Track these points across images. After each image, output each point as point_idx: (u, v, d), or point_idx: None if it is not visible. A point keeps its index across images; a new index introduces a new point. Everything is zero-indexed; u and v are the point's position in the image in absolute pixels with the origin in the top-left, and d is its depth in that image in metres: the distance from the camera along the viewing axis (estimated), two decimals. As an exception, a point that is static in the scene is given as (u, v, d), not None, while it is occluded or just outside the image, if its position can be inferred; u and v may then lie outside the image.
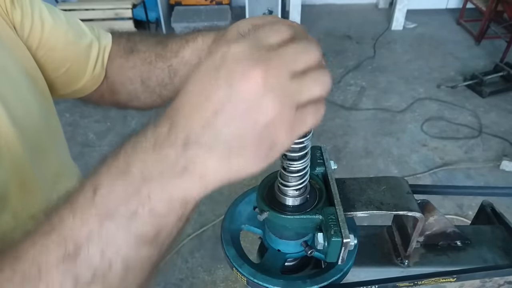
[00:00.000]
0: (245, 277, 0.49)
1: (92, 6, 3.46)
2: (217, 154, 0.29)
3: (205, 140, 0.29)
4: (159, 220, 0.30)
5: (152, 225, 0.29)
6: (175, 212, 0.30)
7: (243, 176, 0.31)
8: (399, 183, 0.54)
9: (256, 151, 0.29)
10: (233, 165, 0.30)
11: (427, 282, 0.52)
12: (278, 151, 0.31)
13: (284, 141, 0.30)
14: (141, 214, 0.29)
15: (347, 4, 5.13)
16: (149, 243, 0.30)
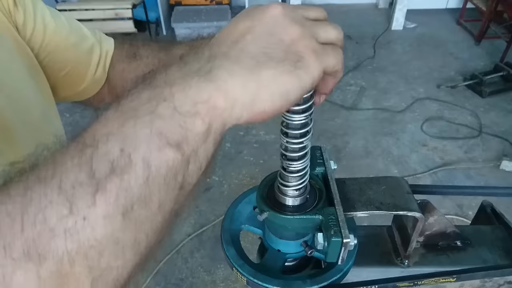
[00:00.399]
0: (245, 277, 0.49)
1: (92, 6, 3.46)
2: (244, 65, 0.30)
3: (231, 54, 0.30)
4: (183, 122, 0.27)
5: (176, 126, 0.27)
6: (201, 120, 0.28)
7: (275, 93, 0.30)
8: (399, 183, 0.54)
9: (283, 65, 0.31)
10: (262, 78, 0.30)
11: (427, 282, 0.52)
12: (306, 69, 0.31)
13: (309, 61, 0.32)
14: (164, 113, 0.27)
15: (347, 4, 5.13)
16: (172, 147, 0.26)
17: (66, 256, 0.23)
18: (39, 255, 0.22)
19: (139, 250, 0.27)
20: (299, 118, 0.41)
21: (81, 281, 0.24)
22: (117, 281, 0.26)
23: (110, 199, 0.24)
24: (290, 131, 0.43)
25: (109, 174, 0.25)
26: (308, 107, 0.41)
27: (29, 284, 0.22)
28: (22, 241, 0.22)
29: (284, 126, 0.43)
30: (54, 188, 0.24)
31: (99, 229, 0.24)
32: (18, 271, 0.22)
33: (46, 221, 0.23)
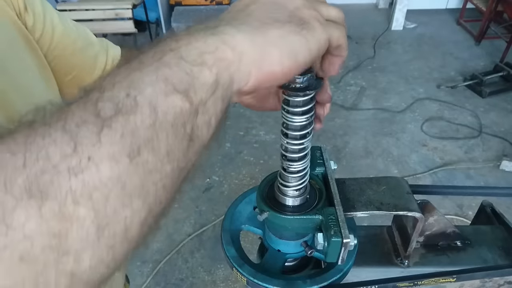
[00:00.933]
0: (245, 277, 0.49)
1: (92, 6, 3.46)
2: (251, 25, 0.31)
3: (238, 17, 0.31)
4: (190, 70, 0.27)
5: (182, 74, 0.26)
6: (208, 69, 0.27)
7: (283, 51, 0.31)
8: (399, 183, 0.54)
9: (289, 26, 0.31)
10: (269, 35, 0.30)
11: (427, 282, 0.52)
12: (312, 32, 0.32)
13: (314, 25, 0.33)
14: (170, 61, 0.27)
15: (347, 4, 5.13)
16: (179, 93, 0.26)
17: (70, 196, 0.21)
18: (41, 192, 0.21)
19: (148, 202, 0.25)
20: (299, 120, 0.41)
21: (85, 227, 0.22)
22: (125, 235, 0.24)
23: (115, 137, 0.23)
24: (290, 132, 0.43)
25: (115, 114, 0.24)
26: (309, 109, 0.41)
27: (30, 223, 0.20)
28: (23, 177, 0.21)
29: (285, 127, 0.43)
30: (58, 129, 0.23)
31: (105, 170, 0.22)
32: (18, 208, 0.20)
33: (49, 158, 0.22)
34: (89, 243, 0.22)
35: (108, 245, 0.23)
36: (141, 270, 2.11)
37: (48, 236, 0.21)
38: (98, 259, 0.23)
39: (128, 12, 3.47)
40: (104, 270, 0.24)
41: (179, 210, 2.43)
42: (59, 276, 0.22)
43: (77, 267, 0.22)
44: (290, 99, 0.40)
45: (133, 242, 0.25)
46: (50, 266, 0.21)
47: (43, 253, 0.21)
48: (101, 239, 0.23)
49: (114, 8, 3.47)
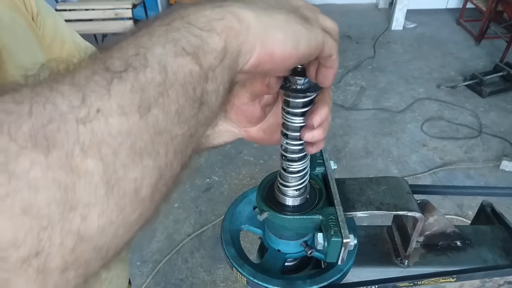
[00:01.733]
0: (245, 277, 0.49)
1: (92, 6, 3.46)
2: (258, 6, 0.31)
3: (243, 1, 0.31)
4: (199, 33, 0.27)
5: (191, 37, 0.26)
6: (217, 35, 0.27)
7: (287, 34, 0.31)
8: (399, 183, 0.54)
9: (294, 15, 0.32)
10: (275, 17, 0.31)
11: (427, 282, 0.52)
12: (312, 27, 0.33)
13: (314, 24, 0.33)
14: (179, 26, 0.26)
15: (347, 4, 5.14)
16: (189, 55, 0.26)
17: (78, 146, 0.20)
18: (47, 140, 0.20)
19: (158, 164, 0.24)
20: (299, 121, 0.41)
21: (94, 181, 0.21)
22: (135, 197, 0.23)
23: (125, 91, 0.22)
24: (290, 133, 0.43)
25: (124, 70, 0.23)
26: (308, 110, 0.41)
27: (35, 171, 0.19)
28: (29, 125, 0.19)
29: (285, 127, 0.43)
30: (66, 82, 0.22)
31: (114, 123, 0.22)
32: (22, 155, 0.19)
33: (57, 108, 0.20)
34: (98, 199, 0.21)
35: (118, 205, 0.22)
36: (141, 270, 2.11)
37: (54, 188, 0.20)
38: (107, 219, 0.22)
39: (128, 12, 3.47)
40: (114, 237, 0.23)
41: (179, 210, 2.43)
42: (64, 234, 0.20)
43: (84, 226, 0.21)
44: (290, 100, 0.40)
45: (144, 209, 0.24)
46: (55, 221, 0.20)
47: (48, 206, 0.19)
48: (110, 197, 0.22)
49: (114, 8, 3.47)
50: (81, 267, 0.21)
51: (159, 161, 0.24)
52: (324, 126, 0.41)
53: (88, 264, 0.22)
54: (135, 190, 0.23)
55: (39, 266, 0.19)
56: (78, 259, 0.21)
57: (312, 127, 0.41)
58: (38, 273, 0.19)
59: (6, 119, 0.19)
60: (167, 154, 0.25)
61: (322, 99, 0.41)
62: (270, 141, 0.49)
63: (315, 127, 0.40)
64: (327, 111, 0.40)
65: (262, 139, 0.49)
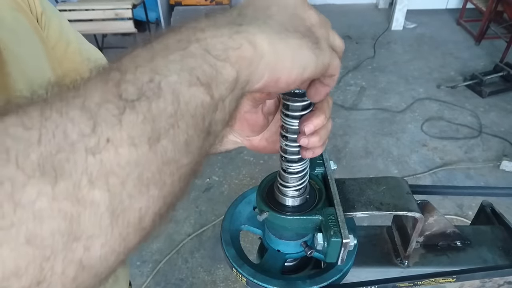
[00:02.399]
0: (244, 277, 0.49)
1: (92, 6, 3.46)
2: (273, 28, 0.31)
3: (260, 17, 0.31)
4: (214, 63, 0.27)
5: (207, 66, 0.26)
6: (230, 66, 0.27)
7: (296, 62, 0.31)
8: (398, 184, 0.54)
9: (307, 40, 0.32)
10: (289, 43, 0.31)
11: (426, 282, 0.52)
12: (322, 52, 0.33)
13: (324, 47, 0.34)
14: (195, 52, 0.26)
15: (347, 4, 5.14)
16: (202, 86, 0.25)
17: (86, 177, 0.20)
18: (56, 170, 0.19)
19: (163, 193, 0.24)
20: (297, 123, 0.41)
21: (99, 212, 0.21)
22: (139, 225, 0.23)
23: (137, 122, 0.22)
24: (289, 135, 0.43)
25: (137, 98, 0.23)
26: (307, 113, 0.41)
27: (41, 202, 0.19)
28: (37, 153, 0.19)
29: (284, 130, 0.43)
30: (77, 107, 0.21)
31: (124, 154, 0.21)
32: (29, 185, 0.19)
33: (66, 136, 0.20)
34: (102, 230, 0.21)
35: (121, 235, 0.22)
36: (141, 270, 2.11)
37: (59, 218, 0.19)
38: (110, 249, 0.22)
39: (128, 12, 3.48)
40: (114, 263, 0.23)
41: (179, 210, 2.43)
42: (67, 264, 0.20)
43: (87, 256, 0.21)
44: (289, 103, 0.40)
45: (145, 235, 0.24)
46: (58, 252, 0.20)
47: (52, 236, 0.19)
48: (114, 228, 0.22)
49: (114, 8, 3.47)
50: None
51: (165, 190, 0.24)
52: (321, 133, 0.41)
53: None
54: (139, 219, 0.23)
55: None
56: (79, 286, 0.21)
57: (304, 134, 0.41)
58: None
59: (14, 146, 0.19)
60: (173, 183, 0.25)
61: (320, 107, 0.41)
62: (273, 149, 0.49)
63: (306, 134, 0.40)
64: (322, 119, 0.40)
65: (265, 148, 0.49)
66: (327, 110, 0.41)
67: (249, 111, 0.45)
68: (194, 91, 0.25)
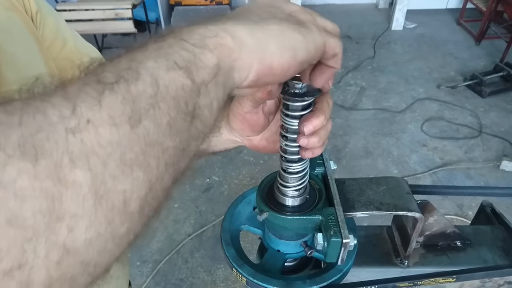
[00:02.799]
0: (244, 277, 0.49)
1: (92, 6, 3.46)
2: (250, 20, 0.32)
3: (237, 16, 0.33)
4: (191, 49, 0.27)
5: (184, 52, 0.27)
6: (210, 52, 0.28)
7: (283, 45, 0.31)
8: (398, 184, 0.54)
9: (287, 23, 0.33)
10: (268, 29, 0.31)
11: (426, 282, 0.52)
12: (309, 31, 0.33)
13: (311, 27, 0.34)
14: (172, 42, 0.27)
15: (347, 4, 5.14)
16: (181, 69, 0.26)
17: (67, 156, 0.20)
18: (36, 149, 0.19)
19: (149, 177, 0.24)
20: (297, 124, 0.41)
21: (82, 193, 0.20)
22: (124, 209, 0.23)
23: (116, 102, 0.22)
24: (289, 135, 0.43)
25: (116, 81, 0.23)
26: (307, 113, 0.41)
27: (22, 181, 0.19)
28: (18, 134, 0.19)
29: (284, 130, 0.43)
30: (58, 95, 0.22)
31: (104, 134, 0.21)
32: (10, 165, 0.19)
33: (46, 118, 0.20)
34: (86, 211, 0.21)
35: (106, 217, 0.22)
36: (141, 270, 2.11)
37: (40, 198, 0.19)
38: (95, 232, 0.21)
39: (128, 12, 3.48)
40: (102, 252, 0.22)
41: (179, 210, 2.43)
42: (50, 246, 0.20)
43: (71, 238, 0.20)
44: (289, 103, 0.40)
45: (133, 223, 0.24)
46: (40, 233, 0.19)
47: (34, 216, 0.19)
48: (98, 209, 0.21)
49: (114, 8, 3.47)
50: (66, 283, 0.21)
51: (150, 173, 0.24)
52: (320, 134, 0.41)
53: (74, 280, 0.21)
54: (124, 203, 0.23)
55: (22, 280, 0.19)
56: (64, 274, 0.21)
57: (303, 134, 0.41)
58: (21, 287, 0.19)
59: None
60: (158, 167, 0.24)
61: (320, 107, 0.41)
62: (273, 149, 0.49)
63: (305, 134, 0.40)
64: (322, 120, 0.40)
65: (265, 148, 0.49)
66: (327, 111, 0.41)
67: (249, 111, 0.45)
68: (173, 74, 0.25)
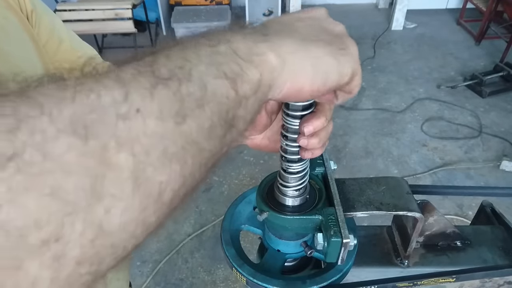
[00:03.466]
0: (244, 277, 0.49)
1: (92, 6, 3.46)
2: (296, 39, 0.32)
3: (284, 30, 0.33)
4: (240, 62, 0.28)
5: (233, 64, 0.28)
6: (255, 68, 0.29)
7: (318, 70, 0.32)
8: (398, 184, 0.54)
9: (330, 47, 0.34)
10: (310, 51, 0.32)
11: (426, 282, 0.52)
12: (348, 57, 0.35)
13: (352, 52, 0.36)
14: (223, 51, 0.28)
15: (347, 4, 5.13)
16: (228, 80, 0.27)
17: (114, 140, 0.21)
18: (86, 130, 0.20)
19: (184, 173, 0.25)
20: (298, 123, 0.41)
21: (123, 177, 0.21)
22: (158, 199, 0.23)
23: (167, 98, 0.23)
24: (289, 135, 0.43)
25: (169, 78, 0.24)
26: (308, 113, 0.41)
27: (69, 155, 0.19)
28: (70, 111, 0.20)
29: (284, 129, 0.43)
30: (111, 77, 0.23)
31: (151, 125, 0.22)
32: (61, 139, 0.19)
33: (100, 99, 0.21)
34: (124, 195, 0.21)
35: (141, 204, 0.22)
36: (141, 270, 2.11)
37: (84, 175, 0.20)
38: (130, 217, 0.22)
39: (128, 12, 3.47)
40: (131, 237, 0.23)
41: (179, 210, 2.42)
42: (87, 224, 0.20)
43: (107, 219, 0.21)
44: (289, 103, 0.40)
45: (162, 213, 0.25)
46: (80, 209, 0.20)
47: (76, 192, 0.19)
48: (136, 195, 0.22)
49: (114, 8, 3.47)
50: (94, 264, 0.21)
51: (185, 169, 0.25)
52: (320, 135, 0.41)
53: (101, 262, 0.22)
54: (159, 193, 0.23)
55: (57, 252, 0.19)
56: (95, 254, 0.21)
57: (303, 134, 0.41)
58: (55, 260, 0.19)
59: (48, 102, 0.20)
60: (193, 165, 0.26)
61: (321, 109, 0.41)
62: (274, 148, 0.49)
63: (305, 135, 0.41)
64: (322, 122, 0.40)
65: (267, 147, 0.49)
66: (328, 113, 0.41)
67: None
68: (220, 83, 0.27)
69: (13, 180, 0.17)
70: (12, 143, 0.18)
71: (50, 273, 0.19)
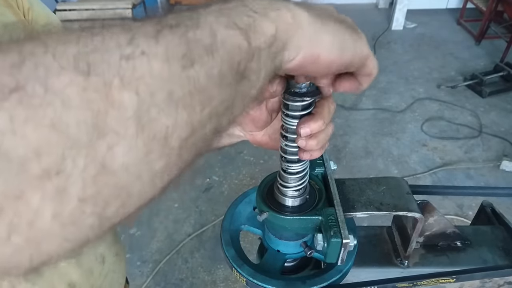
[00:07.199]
0: (244, 278, 0.49)
1: (92, 6, 3.47)
2: (312, 13, 0.32)
3: (299, 4, 0.32)
4: (252, 14, 0.28)
5: (244, 16, 0.27)
6: (269, 21, 0.28)
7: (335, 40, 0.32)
8: (398, 184, 0.54)
9: (345, 25, 0.34)
10: (327, 24, 0.32)
11: (426, 282, 0.52)
12: (361, 39, 0.35)
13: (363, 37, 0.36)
14: (235, 5, 0.28)
15: (347, 4, 5.14)
16: (239, 29, 0.26)
17: (117, 78, 0.21)
18: (89, 67, 0.20)
19: (192, 120, 0.24)
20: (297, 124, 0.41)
21: (126, 115, 0.21)
22: (164, 144, 0.23)
23: (172, 41, 0.23)
24: (289, 135, 0.43)
25: (174, 26, 0.24)
26: (308, 113, 0.41)
27: (71, 89, 0.19)
28: (74, 50, 0.20)
29: (284, 129, 0.43)
30: (117, 26, 0.23)
31: (156, 67, 0.22)
32: (63, 75, 0.19)
33: (104, 41, 0.21)
34: (127, 134, 0.21)
35: (145, 146, 0.22)
36: (141, 270, 2.11)
37: (86, 110, 0.20)
38: (133, 158, 0.22)
39: (128, 12, 3.48)
40: (136, 181, 0.23)
41: (179, 210, 2.43)
42: (89, 160, 0.20)
43: (109, 157, 0.21)
44: (289, 103, 0.40)
45: (170, 161, 0.24)
46: (81, 144, 0.20)
47: (78, 127, 0.19)
48: (139, 136, 0.22)
49: (114, 8, 3.47)
50: (98, 205, 0.21)
51: (193, 117, 0.24)
52: (319, 137, 0.41)
53: (106, 204, 0.22)
54: (164, 137, 0.23)
55: (59, 185, 0.19)
56: (98, 192, 0.21)
57: (300, 136, 0.41)
58: (57, 192, 0.19)
59: (53, 43, 0.20)
60: (201, 113, 0.25)
61: (320, 112, 0.41)
62: (274, 146, 0.49)
63: (301, 136, 0.40)
64: (320, 125, 0.40)
65: (268, 144, 0.49)
66: (327, 116, 0.41)
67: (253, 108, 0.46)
68: (232, 32, 0.26)
69: (15, 110, 0.18)
70: (15, 76, 0.18)
71: (53, 207, 0.19)
